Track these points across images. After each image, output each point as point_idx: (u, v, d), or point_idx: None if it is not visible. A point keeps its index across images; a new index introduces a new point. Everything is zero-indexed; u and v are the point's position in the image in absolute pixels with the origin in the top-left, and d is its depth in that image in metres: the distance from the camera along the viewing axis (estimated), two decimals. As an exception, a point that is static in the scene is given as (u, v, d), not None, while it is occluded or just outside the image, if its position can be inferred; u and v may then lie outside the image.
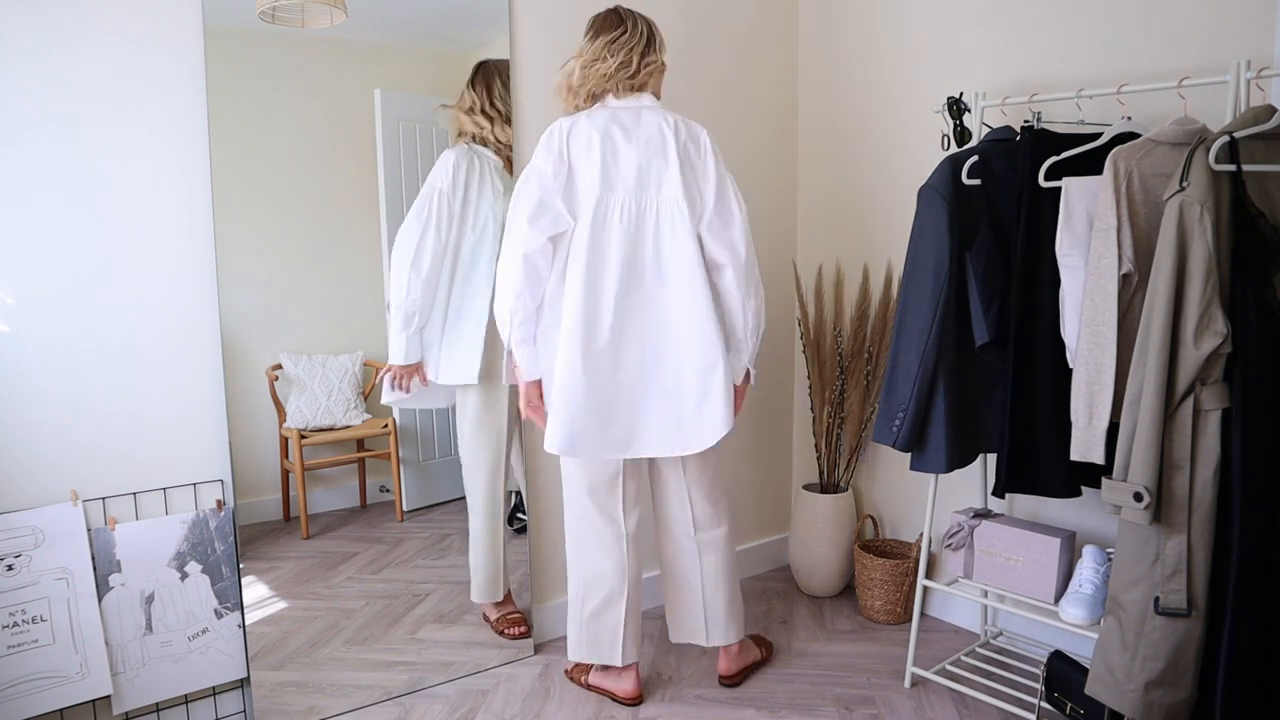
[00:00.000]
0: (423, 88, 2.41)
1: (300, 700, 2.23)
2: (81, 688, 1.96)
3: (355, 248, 2.38)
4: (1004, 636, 2.64)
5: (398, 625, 2.42)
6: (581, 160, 2.06)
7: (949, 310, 2.14)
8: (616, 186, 2.06)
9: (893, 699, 2.36)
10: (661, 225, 2.08)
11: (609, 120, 2.08)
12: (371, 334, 2.41)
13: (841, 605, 2.96)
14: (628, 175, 2.06)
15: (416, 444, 2.52)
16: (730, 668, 2.40)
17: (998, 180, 2.17)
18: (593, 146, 2.05)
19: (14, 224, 1.90)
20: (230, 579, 2.15)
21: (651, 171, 2.07)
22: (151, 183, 2.04)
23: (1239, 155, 1.67)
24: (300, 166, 2.26)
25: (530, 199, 2.05)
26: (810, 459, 3.18)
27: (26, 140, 1.89)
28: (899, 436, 2.19)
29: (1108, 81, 2.21)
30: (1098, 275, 1.85)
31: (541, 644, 2.65)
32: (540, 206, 2.05)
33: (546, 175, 2.06)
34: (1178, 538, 1.68)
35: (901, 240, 2.29)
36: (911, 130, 2.77)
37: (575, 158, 2.07)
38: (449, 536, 2.54)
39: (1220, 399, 1.66)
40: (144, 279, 2.04)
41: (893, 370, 2.21)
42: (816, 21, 3.07)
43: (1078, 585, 2.13)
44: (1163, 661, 1.69)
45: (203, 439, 2.13)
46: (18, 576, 1.91)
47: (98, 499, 2.02)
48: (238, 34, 2.10)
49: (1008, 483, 2.14)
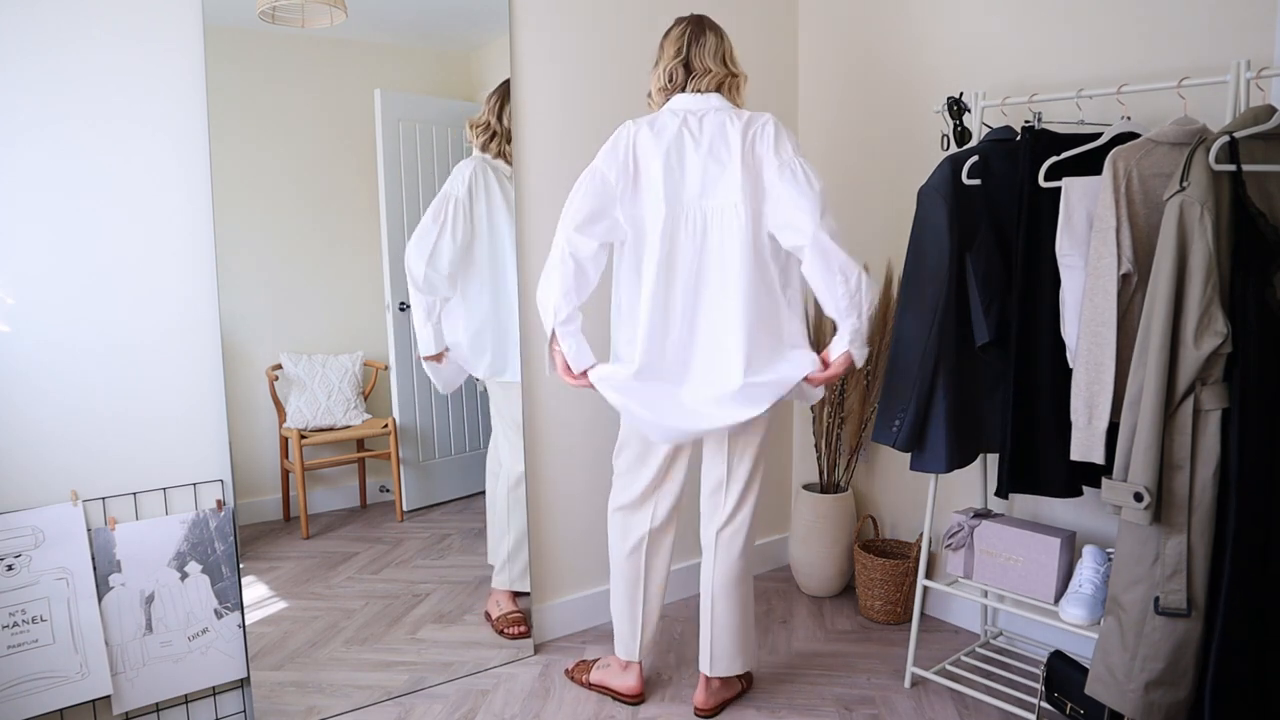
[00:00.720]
0: (423, 88, 2.41)
1: (300, 700, 2.23)
2: (81, 688, 1.96)
3: (355, 248, 2.39)
4: (1004, 636, 2.64)
5: (398, 625, 2.42)
6: (648, 165, 2.03)
7: (949, 310, 2.14)
8: (682, 193, 2.03)
9: (893, 699, 2.36)
10: (725, 232, 2.03)
11: (679, 124, 2.04)
12: (371, 334, 2.41)
13: (841, 605, 2.96)
14: (692, 182, 2.02)
15: (416, 444, 2.52)
16: (708, 701, 2.27)
17: (998, 180, 2.17)
18: (659, 150, 2.02)
19: (14, 224, 1.90)
20: (230, 579, 2.15)
21: (711, 175, 2.02)
22: (152, 183, 2.03)
23: (1239, 155, 1.67)
24: (300, 166, 2.26)
25: (586, 204, 2.03)
26: (810, 459, 3.18)
27: (27, 140, 1.89)
28: (899, 436, 2.19)
29: (1108, 81, 2.21)
30: (1097, 275, 1.85)
31: (541, 644, 2.65)
32: (594, 214, 2.03)
33: (609, 180, 2.03)
34: (1178, 538, 1.68)
35: (902, 240, 2.29)
36: (911, 130, 2.77)
37: (642, 161, 2.04)
38: (449, 536, 2.54)
39: (1220, 399, 1.66)
40: (144, 279, 2.04)
41: (893, 370, 2.21)
42: (817, 21, 3.07)
43: (1078, 585, 2.13)
44: (1163, 661, 1.69)
45: (203, 439, 2.13)
46: (18, 576, 1.91)
47: (98, 499, 2.02)
48: (238, 34, 2.10)
49: (1010, 483, 2.13)
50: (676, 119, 2.06)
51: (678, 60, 2.10)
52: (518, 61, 2.49)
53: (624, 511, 2.27)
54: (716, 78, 2.09)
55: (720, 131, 2.04)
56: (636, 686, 2.33)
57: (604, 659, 2.42)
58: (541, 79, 2.53)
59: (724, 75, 2.10)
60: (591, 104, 2.62)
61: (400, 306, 2.44)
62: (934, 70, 2.71)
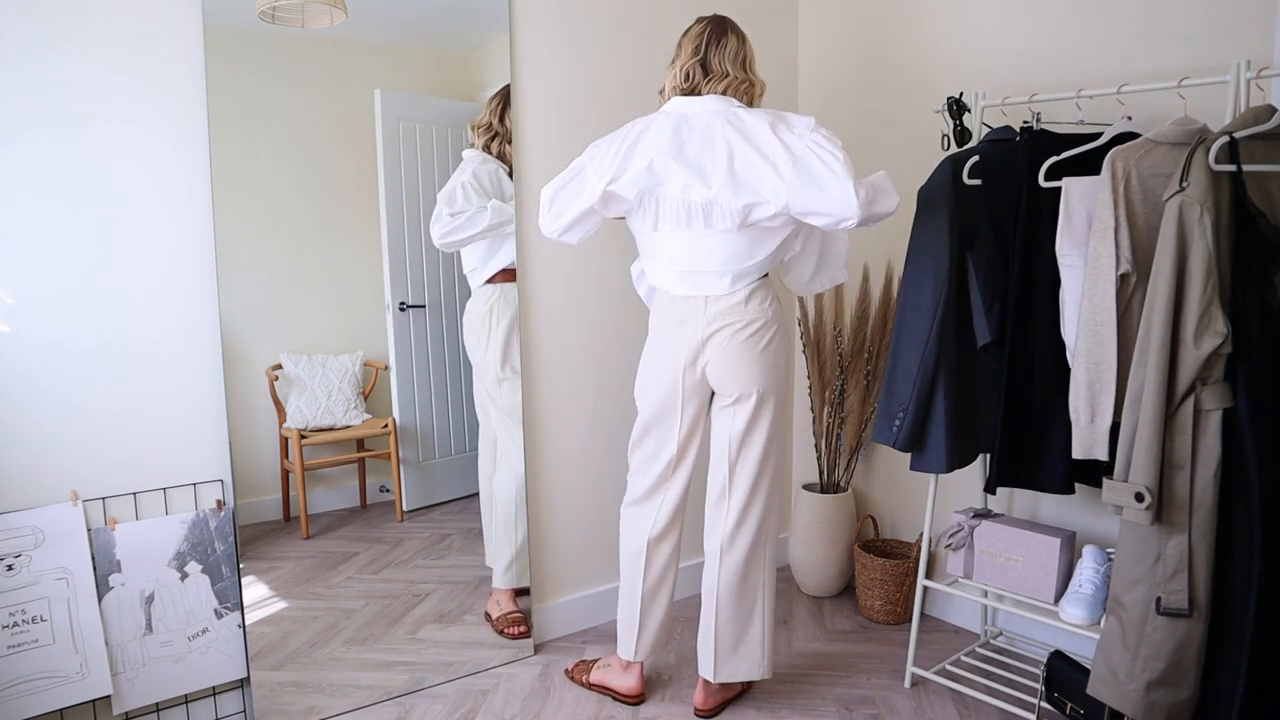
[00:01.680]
0: (423, 88, 2.41)
1: (300, 700, 2.23)
2: (81, 688, 1.96)
3: (355, 248, 2.39)
4: (1004, 636, 2.64)
5: (398, 625, 2.42)
6: (644, 161, 2.00)
7: (949, 310, 2.14)
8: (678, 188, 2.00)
9: (893, 699, 2.36)
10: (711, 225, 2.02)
11: (676, 121, 2.02)
12: (371, 334, 2.41)
13: (841, 605, 2.96)
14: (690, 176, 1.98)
15: (416, 444, 2.52)
16: (708, 702, 2.27)
17: (998, 180, 2.17)
18: (659, 148, 1.99)
19: (14, 224, 1.90)
20: (230, 579, 2.15)
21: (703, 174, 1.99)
22: (152, 183, 2.03)
23: (1239, 155, 1.67)
24: (300, 166, 2.26)
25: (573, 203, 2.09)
26: (810, 459, 3.18)
27: (26, 140, 1.89)
28: (899, 436, 2.19)
29: (1108, 81, 2.21)
30: (1095, 275, 1.85)
31: (541, 644, 2.65)
32: (580, 214, 2.10)
33: (602, 176, 2.03)
34: (1179, 538, 1.68)
35: (902, 240, 2.29)
36: (911, 130, 2.77)
37: (639, 157, 2.01)
38: (449, 536, 2.54)
39: (1221, 399, 1.66)
40: (144, 279, 2.04)
41: (893, 370, 2.21)
42: (816, 22, 3.07)
43: (1078, 585, 2.13)
44: (1164, 661, 1.69)
45: (203, 439, 2.13)
46: (18, 576, 1.90)
47: (98, 499, 2.01)
48: (238, 34, 2.10)
49: (999, 478, 2.16)
50: (671, 116, 2.03)
51: (695, 60, 2.06)
52: (518, 61, 2.49)
53: (633, 508, 2.27)
54: (733, 82, 2.05)
55: (720, 128, 1.98)
56: (637, 687, 2.33)
57: (605, 659, 2.42)
58: (541, 79, 2.53)
59: (741, 81, 2.06)
60: (592, 104, 2.62)
61: (400, 306, 2.44)
62: (934, 70, 2.71)
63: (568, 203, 2.11)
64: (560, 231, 2.15)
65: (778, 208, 1.94)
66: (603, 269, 2.67)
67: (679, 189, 2.00)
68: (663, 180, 2.01)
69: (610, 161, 2.04)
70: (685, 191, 1.99)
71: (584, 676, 2.43)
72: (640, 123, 2.06)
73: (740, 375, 2.12)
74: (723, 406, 2.18)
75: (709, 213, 2.00)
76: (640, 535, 2.24)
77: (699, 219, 2.01)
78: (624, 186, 2.03)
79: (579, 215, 2.10)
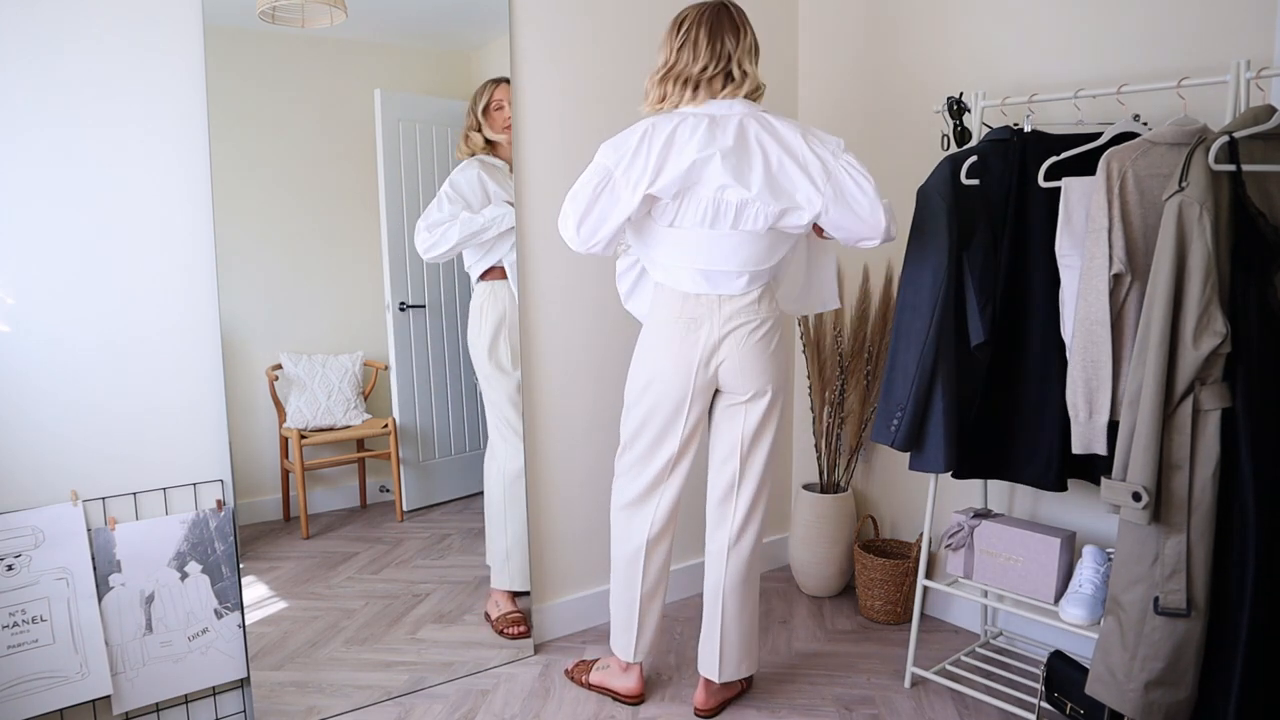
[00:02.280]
0: (423, 88, 2.42)
1: (300, 700, 2.23)
2: (81, 688, 1.96)
3: (355, 248, 2.39)
4: (1004, 636, 2.64)
5: (398, 625, 2.42)
6: (683, 161, 1.95)
7: (948, 310, 2.14)
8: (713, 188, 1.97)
9: (893, 699, 2.36)
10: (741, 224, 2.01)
11: (708, 122, 1.97)
12: (371, 334, 2.41)
13: (841, 605, 2.96)
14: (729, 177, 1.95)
15: (416, 444, 2.52)
16: (708, 702, 2.28)
17: (996, 180, 2.17)
18: (696, 148, 1.94)
19: (14, 224, 1.90)
20: (230, 579, 2.15)
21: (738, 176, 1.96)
22: (152, 182, 2.04)
23: (1239, 155, 1.67)
24: (300, 166, 2.26)
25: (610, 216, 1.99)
26: (810, 459, 3.18)
27: (26, 140, 1.89)
28: (897, 436, 2.19)
29: (1108, 81, 2.21)
30: (1089, 275, 1.85)
31: (541, 644, 2.65)
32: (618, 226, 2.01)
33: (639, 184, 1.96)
34: (1177, 538, 1.68)
35: (901, 241, 2.29)
36: (911, 130, 2.77)
37: (676, 158, 1.96)
38: (449, 536, 2.55)
39: (1220, 399, 1.65)
40: (144, 279, 2.04)
41: (891, 370, 2.21)
42: (816, 22, 3.07)
43: (1078, 585, 2.13)
44: (1163, 661, 1.69)
45: (203, 439, 2.13)
46: (18, 576, 1.91)
47: (98, 499, 2.02)
48: (238, 34, 2.10)
49: (972, 468, 2.27)
50: (691, 116, 1.99)
51: (717, 60, 2.02)
52: (518, 61, 2.49)
53: (627, 510, 2.26)
54: (754, 86, 2.05)
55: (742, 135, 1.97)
56: (636, 688, 2.33)
57: (604, 659, 2.42)
58: (541, 79, 2.53)
59: (757, 85, 2.06)
60: (592, 104, 2.62)
61: (400, 306, 2.44)
62: (934, 70, 2.71)
63: (604, 216, 2.00)
64: (599, 246, 2.05)
65: (811, 215, 1.97)
66: (602, 269, 2.67)
67: (714, 189, 1.97)
68: (700, 180, 1.97)
69: (644, 165, 1.96)
70: (720, 192, 1.97)
71: (584, 677, 2.43)
72: (662, 122, 1.99)
73: (756, 374, 2.13)
74: (731, 405, 2.18)
75: (741, 214, 1.98)
76: (638, 536, 2.24)
77: (728, 219, 1.99)
78: (662, 188, 1.97)
79: (618, 228, 2.02)
